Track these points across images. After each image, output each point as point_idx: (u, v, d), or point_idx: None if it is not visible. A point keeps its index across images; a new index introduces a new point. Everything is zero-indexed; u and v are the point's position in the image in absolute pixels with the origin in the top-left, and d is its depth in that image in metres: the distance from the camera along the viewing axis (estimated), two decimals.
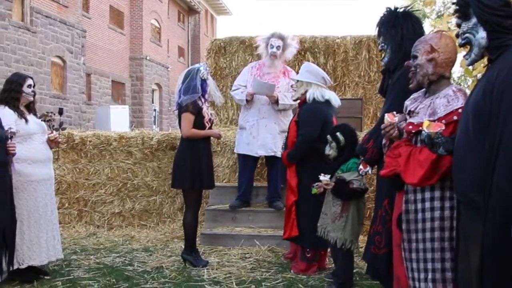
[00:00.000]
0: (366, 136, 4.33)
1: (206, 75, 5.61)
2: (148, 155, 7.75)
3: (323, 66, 8.95)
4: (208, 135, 5.70)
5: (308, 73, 5.39)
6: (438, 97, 3.36)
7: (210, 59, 9.58)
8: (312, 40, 9.12)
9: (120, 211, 7.71)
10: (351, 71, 9.08)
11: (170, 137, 7.73)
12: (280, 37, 6.64)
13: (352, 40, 9.13)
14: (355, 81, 9.08)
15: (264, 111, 6.59)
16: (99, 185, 7.73)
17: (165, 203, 7.70)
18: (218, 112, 9.33)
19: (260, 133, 6.58)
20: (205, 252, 6.16)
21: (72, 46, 22.21)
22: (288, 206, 5.39)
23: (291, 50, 6.72)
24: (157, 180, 7.71)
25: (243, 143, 6.66)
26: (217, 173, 7.52)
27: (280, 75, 6.68)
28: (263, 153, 6.62)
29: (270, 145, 6.55)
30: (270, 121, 6.58)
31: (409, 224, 3.32)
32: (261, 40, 6.77)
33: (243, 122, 6.73)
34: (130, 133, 7.97)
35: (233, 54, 9.51)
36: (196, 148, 5.59)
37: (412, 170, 3.22)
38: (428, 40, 3.48)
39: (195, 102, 5.53)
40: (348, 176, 4.67)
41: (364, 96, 8.94)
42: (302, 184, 5.24)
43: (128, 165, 7.73)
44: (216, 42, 9.67)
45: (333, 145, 4.84)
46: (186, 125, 5.54)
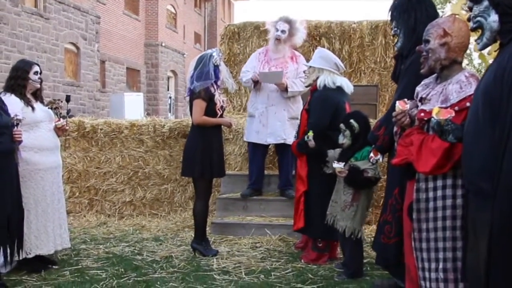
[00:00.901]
0: (378, 123, 4.31)
1: (219, 61, 5.60)
2: (160, 143, 7.77)
3: (339, 51, 8.90)
4: (219, 123, 5.70)
5: (321, 59, 5.36)
6: (451, 83, 3.33)
7: (224, 45, 9.57)
8: (328, 25, 9.07)
9: (131, 200, 7.75)
10: (367, 57, 9.02)
11: (182, 125, 7.74)
12: (287, 20, 6.59)
13: (368, 25, 9.06)
14: (371, 67, 9.02)
15: (273, 98, 6.57)
16: (110, 173, 7.78)
17: (176, 191, 7.73)
18: (231, 99, 9.33)
19: (270, 120, 6.56)
20: (216, 242, 6.18)
21: (86, 33, 22.31)
22: (297, 196, 5.38)
23: (300, 35, 6.67)
24: (168, 168, 7.74)
25: (253, 131, 6.66)
26: (229, 161, 7.53)
27: (288, 61, 6.64)
28: (273, 141, 6.61)
29: (280, 132, 6.54)
30: (279, 108, 6.56)
31: (420, 213, 3.31)
32: (269, 24, 6.74)
33: (252, 109, 6.72)
34: (141, 121, 8.00)
35: (247, 40, 9.48)
36: (206, 135, 5.60)
37: (424, 158, 3.21)
38: (441, 24, 3.44)
39: (208, 89, 5.53)
40: (363, 165, 4.65)
41: (379, 83, 8.89)
42: (313, 174, 5.23)
43: (139, 153, 7.76)
44: (230, 27, 9.65)
45: (346, 133, 4.82)
46: (197, 112, 5.54)
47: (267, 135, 6.58)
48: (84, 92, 22.06)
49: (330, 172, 4.94)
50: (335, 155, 4.93)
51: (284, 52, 6.63)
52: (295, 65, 6.63)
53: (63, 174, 6.57)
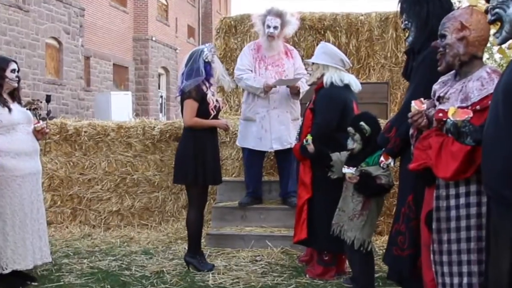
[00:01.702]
0: (388, 124, 4.30)
1: (210, 57, 5.60)
2: (150, 147, 7.76)
3: (345, 46, 8.90)
4: (213, 125, 5.70)
5: (325, 55, 5.36)
6: (471, 80, 3.32)
7: (220, 39, 9.57)
8: (333, 18, 9.08)
9: (118, 210, 7.73)
10: (376, 51, 9.03)
11: (174, 127, 7.73)
12: (277, 14, 6.58)
13: (378, 17, 9.06)
14: (381, 63, 9.02)
15: (274, 100, 6.56)
16: (95, 180, 7.76)
17: (168, 200, 7.71)
18: (227, 98, 9.32)
19: (273, 125, 6.56)
20: (211, 255, 6.16)
21: (69, 26, 22.32)
22: (299, 204, 5.36)
23: (292, 27, 6.69)
24: (159, 174, 7.73)
25: (253, 137, 6.63)
26: (225, 166, 7.52)
27: (283, 57, 6.64)
28: (279, 147, 6.60)
29: (285, 137, 6.54)
30: (282, 110, 6.57)
31: (441, 223, 3.29)
32: (256, 17, 6.73)
33: (251, 113, 6.67)
34: (129, 123, 7.99)
35: (244, 34, 9.49)
36: (200, 138, 5.59)
37: (444, 163, 3.19)
38: (458, 16, 3.43)
39: (199, 88, 5.52)
40: (375, 171, 4.63)
41: (390, 80, 8.89)
42: (317, 180, 5.21)
43: (127, 158, 7.75)
44: (226, 20, 9.66)
45: (356, 137, 4.80)
46: (188, 113, 5.54)
47: (272, 141, 6.58)
48: (66, 91, 22.07)
49: (335, 177, 4.93)
50: (340, 159, 4.92)
51: (278, 49, 6.63)
52: (291, 61, 6.65)
53: (43, 181, 6.56)
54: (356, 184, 4.69)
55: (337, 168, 4.91)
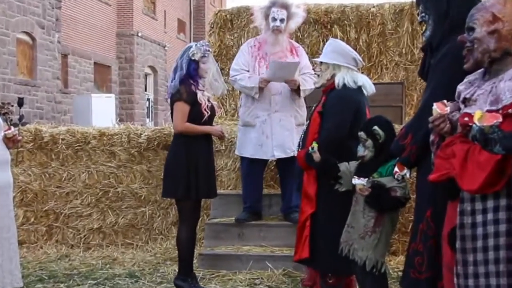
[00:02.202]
0: (403, 130, 4.28)
1: (199, 55, 5.59)
2: (136, 156, 7.77)
3: (355, 42, 8.92)
4: (207, 132, 5.70)
5: (335, 53, 5.32)
6: (503, 79, 3.30)
7: (214, 35, 9.61)
8: (341, 10, 9.11)
9: (99, 227, 7.73)
10: (390, 48, 9.05)
11: (163, 134, 7.74)
12: (284, 5, 6.61)
13: (391, 9, 9.09)
14: (395, 61, 9.05)
15: (276, 102, 6.56)
16: (73, 194, 7.75)
17: (156, 216, 7.71)
18: (222, 102, 9.33)
19: (275, 130, 6.56)
20: (204, 278, 6.16)
21: (44, 20, 22.32)
22: (301, 220, 5.32)
23: (296, 20, 6.72)
24: (146, 187, 7.73)
25: (253, 144, 6.64)
26: (221, 178, 7.52)
27: (287, 54, 6.65)
28: (282, 155, 6.60)
29: (288, 144, 6.54)
30: (285, 114, 6.57)
31: (466, 242, 3.26)
32: (258, 10, 6.74)
33: (250, 118, 6.68)
34: (113, 129, 8.01)
35: (242, 29, 9.52)
36: (192, 147, 5.59)
37: (470, 173, 3.16)
38: (489, 7, 3.41)
39: (190, 88, 5.52)
40: (389, 182, 4.61)
41: (405, 80, 8.92)
42: (323, 192, 5.18)
43: (110, 168, 7.75)
44: (221, 14, 9.70)
45: (368, 143, 4.78)
46: (179, 117, 5.55)
47: (274, 148, 6.57)
48: (41, 93, 22.06)
49: (343, 190, 4.91)
50: (349, 169, 4.90)
51: (283, 45, 6.64)
52: (296, 59, 6.65)
53: (14, 195, 6.53)
54: (368, 197, 4.66)
55: (346, 180, 4.89)
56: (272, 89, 6.58)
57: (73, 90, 25.11)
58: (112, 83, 28.94)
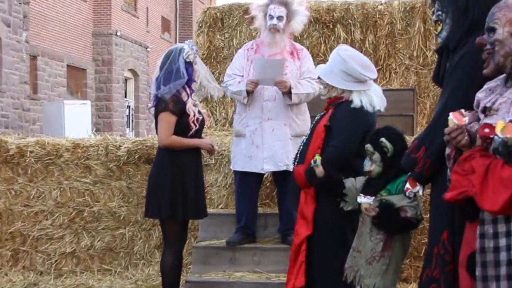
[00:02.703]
0: (415, 142, 4.28)
1: (193, 56, 5.62)
2: (114, 171, 7.75)
3: (360, 44, 8.96)
4: (196, 146, 5.72)
5: (345, 74, 5.22)
6: None
7: (202, 35, 9.62)
8: (345, 8, 9.14)
9: (73, 251, 7.69)
10: (400, 50, 9.08)
11: (145, 146, 7.72)
12: (282, 2, 6.60)
13: (401, 7, 9.13)
14: (405, 65, 9.08)
15: (269, 109, 6.54)
16: (43, 214, 7.72)
17: (137, 238, 7.69)
18: (212, 110, 9.33)
19: (266, 140, 6.53)
20: None
21: (10, 16, 22.30)
22: (296, 243, 5.30)
23: (300, 19, 6.69)
24: (126, 206, 7.71)
25: (243, 156, 6.62)
26: (210, 195, 7.51)
27: (286, 57, 6.63)
28: (272, 168, 6.59)
29: (281, 156, 6.50)
30: (278, 122, 6.53)
31: (487, 269, 3.27)
32: (257, 8, 6.75)
33: (241, 126, 6.67)
34: (88, 140, 7.98)
35: (233, 29, 9.54)
36: (178, 160, 5.62)
37: (491, 192, 3.17)
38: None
39: (177, 97, 5.54)
40: (399, 201, 4.62)
41: (417, 86, 8.94)
42: (322, 213, 5.17)
43: (85, 185, 7.73)
44: (210, 11, 9.72)
45: (375, 157, 4.80)
46: (164, 130, 5.56)
47: (263, 161, 6.54)
48: (6, 99, 22.03)
49: (350, 209, 4.91)
50: (355, 186, 4.91)
51: (283, 45, 6.63)
52: (297, 63, 6.63)
53: None
54: (375, 217, 4.67)
55: (351, 198, 4.89)
56: (265, 94, 6.57)
57: (43, 96, 25.06)
58: (88, 89, 28.91)
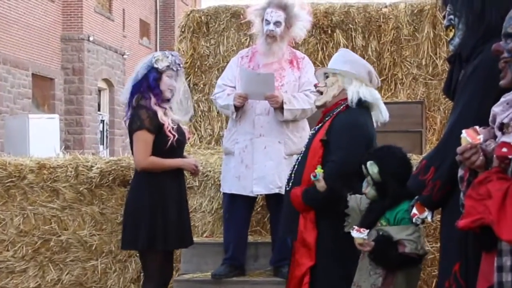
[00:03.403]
0: (423, 162, 4.28)
1: (164, 63, 5.66)
2: (85, 195, 7.73)
3: (362, 51, 8.97)
4: (178, 167, 5.75)
5: (348, 63, 5.32)
6: None
7: (185, 41, 9.62)
8: (344, 11, 9.17)
9: (37, 286, 7.67)
10: (406, 58, 9.10)
11: (120, 166, 7.71)
12: (281, 5, 6.54)
13: (408, 9, 9.16)
14: (413, 74, 9.10)
15: (261, 124, 6.52)
16: (4, 243, 7.70)
17: (111, 271, 7.67)
18: (196, 125, 9.32)
19: (257, 159, 6.50)
20: None
21: None
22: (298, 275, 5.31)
23: (302, 25, 6.64)
24: (98, 234, 7.69)
25: (231, 176, 6.61)
26: (194, 222, 7.47)
27: (284, 67, 6.59)
28: (262, 191, 6.56)
29: (273, 177, 6.47)
30: (271, 139, 6.50)
31: None
32: (253, 12, 6.74)
33: (230, 143, 6.65)
34: (56, 160, 7.96)
35: (220, 35, 9.54)
36: (159, 184, 5.65)
37: (510, 219, 3.18)
38: None
39: (152, 111, 5.55)
40: (397, 233, 4.64)
41: (426, 98, 8.95)
42: (325, 240, 5.18)
43: (52, 211, 7.71)
44: (194, 15, 9.70)
45: (369, 179, 4.84)
46: (141, 151, 5.58)
47: (253, 182, 6.51)
48: None
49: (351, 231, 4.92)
50: (359, 206, 4.93)
51: (280, 54, 6.60)
52: (296, 73, 6.61)
53: None
54: (371, 252, 4.68)
55: (354, 219, 4.91)
56: (257, 107, 6.53)
57: (4, 109, 24.99)
58: (56, 101, 28.81)
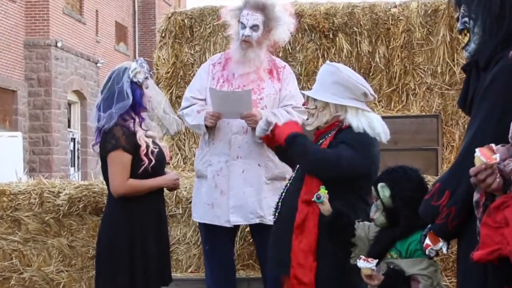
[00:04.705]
0: (437, 185, 4.28)
1: (142, 76, 5.67)
2: (51, 226, 7.76)
3: (369, 57, 9.01)
4: (158, 187, 5.76)
5: (338, 86, 5.32)
6: None
7: (166, 48, 9.66)
8: (348, 12, 9.19)
9: None
10: (419, 65, 9.11)
11: (92, 192, 7.72)
12: (258, 7, 6.47)
13: (421, 10, 9.18)
14: (427, 84, 9.11)
15: (238, 145, 6.44)
16: None
17: None
18: (179, 144, 9.34)
19: (234, 184, 6.43)
20: None
21: None
22: None
23: (283, 28, 6.56)
24: (67, 270, 7.71)
25: (203, 203, 6.56)
26: (177, 255, 7.51)
27: (263, 77, 6.54)
28: (241, 221, 6.50)
29: (252, 205, 6.41)
30: (250, 162, 6.44)
31: None
32: (228, 13, 6.69)
33: (202, 165, 6.59)
34: (17, 185, 7.98)
35: (206, 40, 9.59)
36: (136, 211, 5.64)
37: None
38: None
39: (128, 128, 5.59)
40: (409, 267, 4.64)
41: (442, 111, 8.95)
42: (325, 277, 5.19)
43: (13, 244, 7.74)
44: (176, 18, 9.73)
45: (379, 204, 4.84)
46: (118, 174, 5.58)
47: (230, 211, 6.43)
48: None
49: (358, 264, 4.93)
50: (367, 234, 4.95)
51: (257, 62, 6.53)
52: (276, 85, 6.56)
53: None
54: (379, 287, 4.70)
55: (361, 250, 4.91)
56: (234, 125, 6.46)
57: None
58: (19, 116, 28.80)
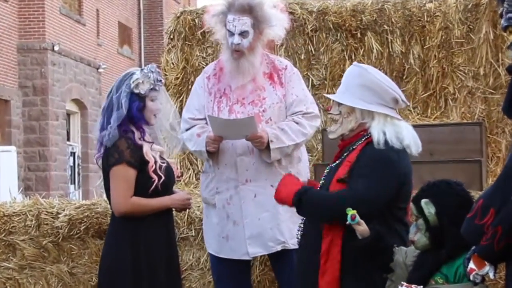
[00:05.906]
0: (480, 202, 4.31)
1: (146, 87, 5.70)
2: (50, 251, 7.79)
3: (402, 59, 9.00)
4: (166, 207, 5.79)
5: (365, 89, 5.31)
6: None
7: (175, 51, 9.64)
8: (378, 9, 9.17)
9: None
10: (459, 66, 9.08)
11: (94, 212, 7.73)
12: (244, 10, 6.35)
13: (460, 4, 9.15)
14: (468, 88, 9.08)
15: (245, 167, 6.38)
16: None
17: None
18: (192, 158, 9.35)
19: (247, 212, 6.40)
20: None
21: None
22: None
23: (278, 26, 6.48)
24: None
25: (216, 235, 6.52)
26: (190, 282, 7.51)
27: (263, 84, 6.48)
28: (261, 252, 6.50)
29: (271, 231, 6.38)
30: (261, 184, 6.38)
31: None
32: (212, 19, 6.59)
33: (208, 193, 6.55)
34: (12, 206, 8.01)
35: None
36: (143, 233, 5.69)
37: None
38: None
39: (133, 141, 5.63)
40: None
41: (486, 118, 8.91)
42: None
43: (7, 271, 7.78)
44: (186, 17, 9.72)
45: (420, 223, 4.83)
46: (121, 190, 5.62)
47: (247, 242, 6.43)
48: None
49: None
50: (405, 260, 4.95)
51: (254, 70, 6.45)
52: (279, 91, 6.48)
53: None
54: None
55: (399, 276, 4.92)
56: (238, 146, 6.38)
57: None
58: (13, 128, 28.86)
